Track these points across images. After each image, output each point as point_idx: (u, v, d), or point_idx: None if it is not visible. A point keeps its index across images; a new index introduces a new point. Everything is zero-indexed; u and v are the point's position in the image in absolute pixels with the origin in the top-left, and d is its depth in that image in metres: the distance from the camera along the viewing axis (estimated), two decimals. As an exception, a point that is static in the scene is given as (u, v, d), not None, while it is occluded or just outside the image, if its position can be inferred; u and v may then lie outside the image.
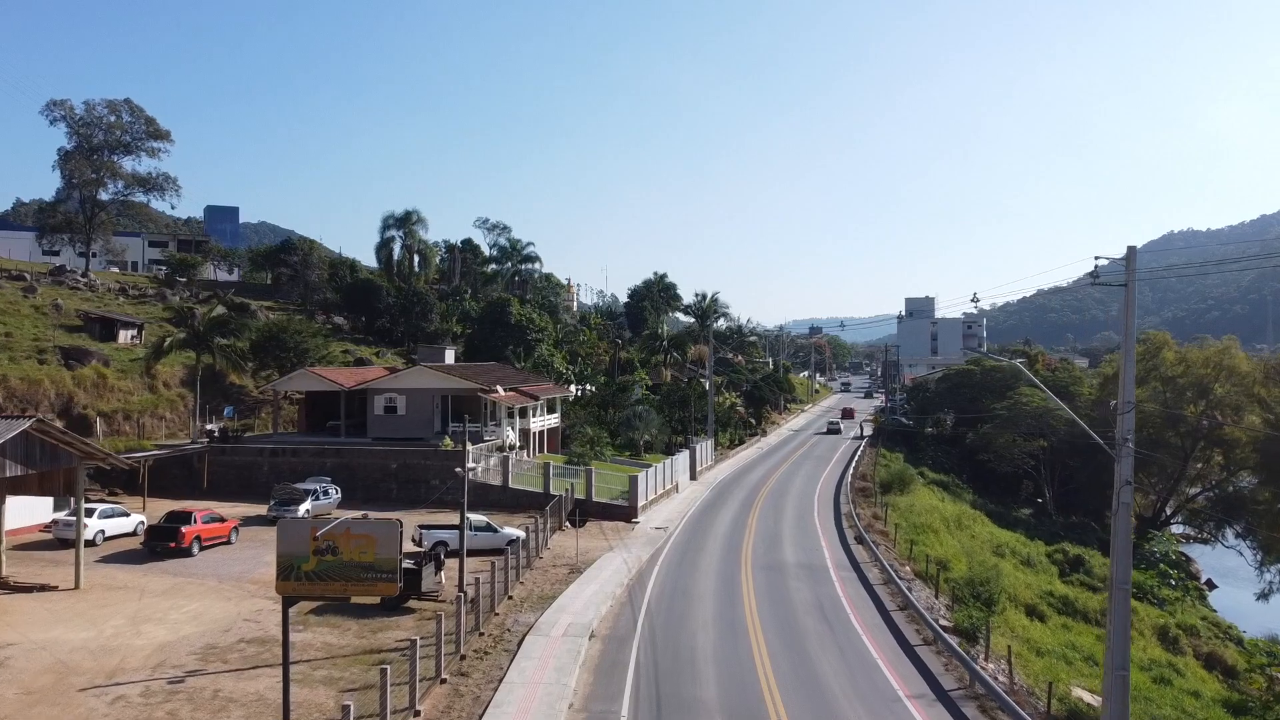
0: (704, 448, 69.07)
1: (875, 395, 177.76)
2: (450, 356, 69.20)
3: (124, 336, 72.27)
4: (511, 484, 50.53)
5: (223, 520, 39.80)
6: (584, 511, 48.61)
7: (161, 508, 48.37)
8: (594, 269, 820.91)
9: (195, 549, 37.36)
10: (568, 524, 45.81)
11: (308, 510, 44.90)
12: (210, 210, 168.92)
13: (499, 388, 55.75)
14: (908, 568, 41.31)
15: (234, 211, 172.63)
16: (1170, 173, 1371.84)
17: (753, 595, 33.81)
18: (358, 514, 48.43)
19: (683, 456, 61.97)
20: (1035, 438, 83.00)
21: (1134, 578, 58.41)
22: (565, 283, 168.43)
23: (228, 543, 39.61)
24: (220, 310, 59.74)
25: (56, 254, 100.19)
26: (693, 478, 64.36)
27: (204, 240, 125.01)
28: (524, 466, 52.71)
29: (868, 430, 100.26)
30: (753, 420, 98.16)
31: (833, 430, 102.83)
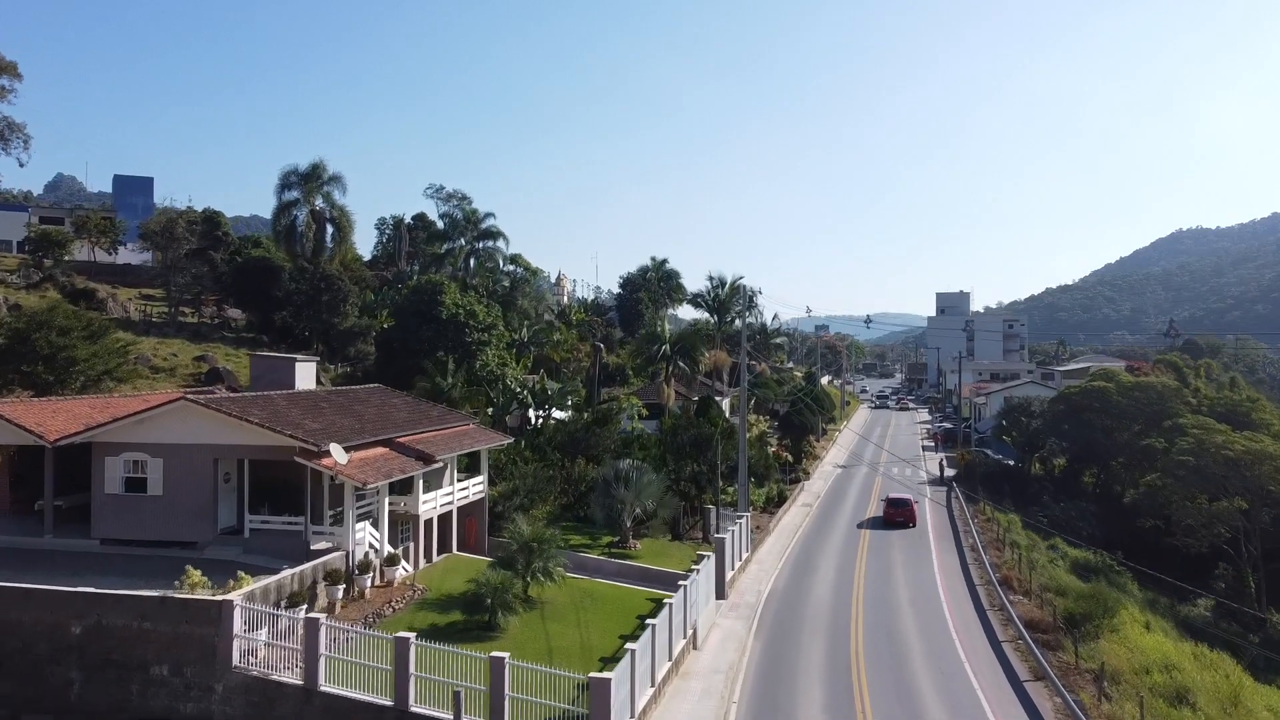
0: (737, 534, 40.36)
1: (910, 405, 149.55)
2: (308, 372, 40.43)
3: None
4: (325, 684, 22.02)
5: None
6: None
7: None
8: (589, 269, 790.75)
9: None
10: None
11: None
12: (120, 180, 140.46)
13: (333, 448, 27.12)
14: None
15: (148, 183, 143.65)
16: (1177, 171, 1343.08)
17: None
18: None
19: (705, 570, 33.20)
20: (1229, 496, 54.94)
21: None
22: (557, 279, 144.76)
23: None
24: None
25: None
26: (721, 596, 35.97)
27: (110, 214, 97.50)
28: (350, 639, 23.88)
29: (949, 469, 71.62)
30: (790, 457, 69.37)
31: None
